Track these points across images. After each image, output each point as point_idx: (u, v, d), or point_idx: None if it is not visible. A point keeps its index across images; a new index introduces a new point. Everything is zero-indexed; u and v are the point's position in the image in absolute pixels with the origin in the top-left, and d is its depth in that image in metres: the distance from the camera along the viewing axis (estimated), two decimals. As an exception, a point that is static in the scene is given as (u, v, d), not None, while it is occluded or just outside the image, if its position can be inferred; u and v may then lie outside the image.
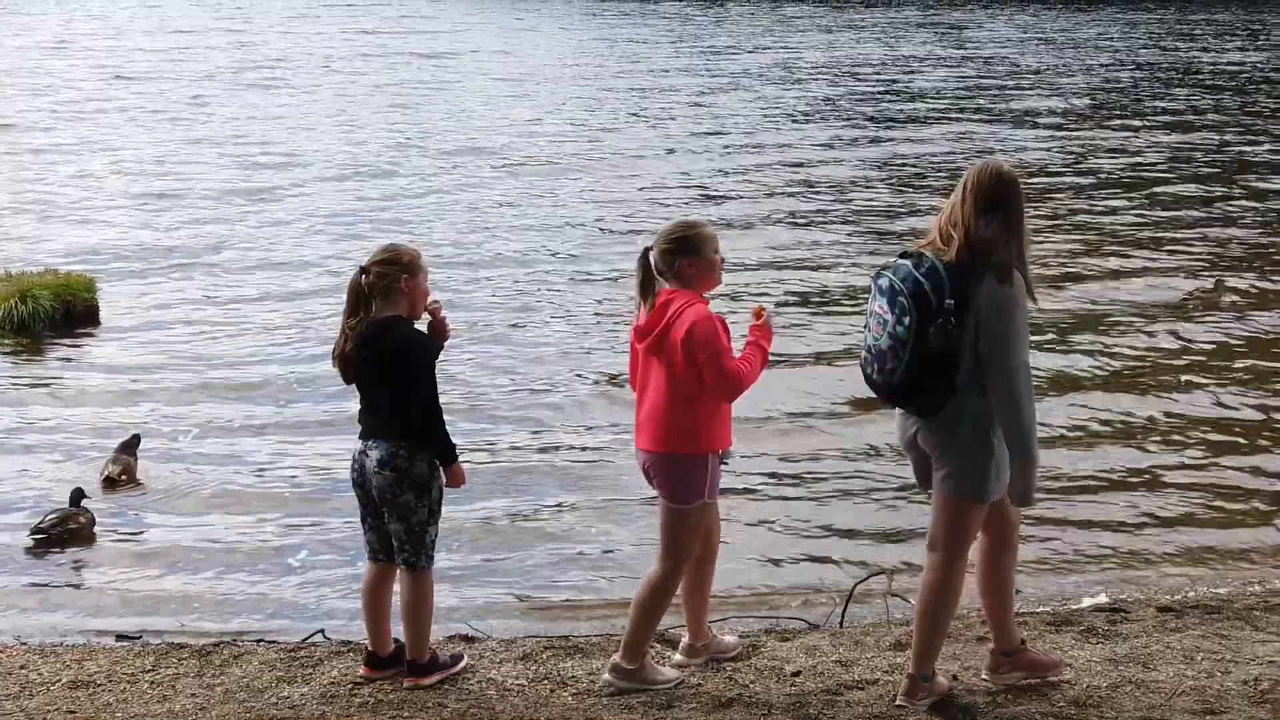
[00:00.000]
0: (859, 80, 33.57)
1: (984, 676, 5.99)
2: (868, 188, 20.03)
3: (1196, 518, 8.81)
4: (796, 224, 17.63)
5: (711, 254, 5.86)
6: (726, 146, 23.68)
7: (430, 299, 6.16)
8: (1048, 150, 23.09)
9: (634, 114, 27.79)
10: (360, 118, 26.98)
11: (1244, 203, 18.95)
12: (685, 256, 5.82)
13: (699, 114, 27.66)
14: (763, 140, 24.38)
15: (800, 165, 21.78)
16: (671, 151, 23.11)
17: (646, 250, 5.88)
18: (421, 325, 6.14)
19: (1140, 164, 21.99)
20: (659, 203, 18.95)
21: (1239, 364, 12.00)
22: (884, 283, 5.50)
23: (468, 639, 6.97)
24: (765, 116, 27.40)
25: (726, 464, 6.07)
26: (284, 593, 8.16)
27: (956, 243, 5.40)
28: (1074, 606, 7.20)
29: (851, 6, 60.99)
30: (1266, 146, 23.72)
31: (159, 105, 28.67)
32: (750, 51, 40.91)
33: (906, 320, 5.37)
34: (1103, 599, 7.30)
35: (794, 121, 26.84)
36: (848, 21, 52.70)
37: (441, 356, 6.12)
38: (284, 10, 56.34)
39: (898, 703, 5.82)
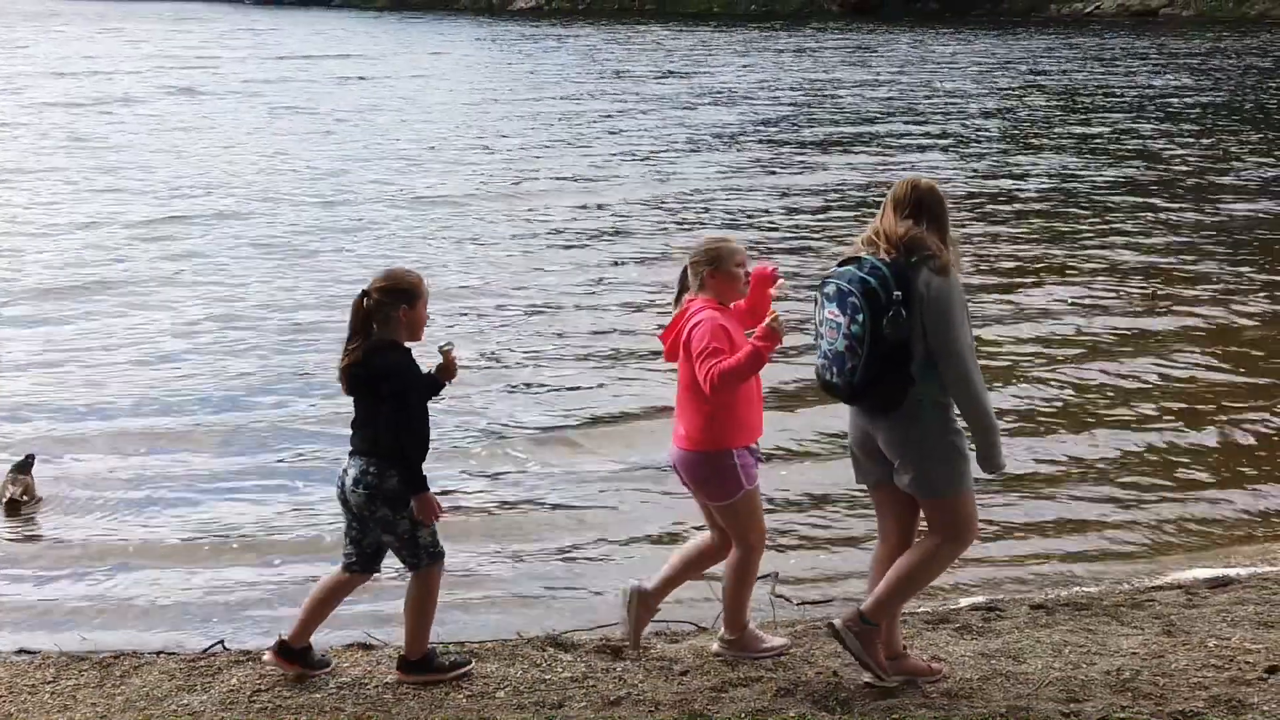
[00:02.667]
0: (773, 103, 33.92)
1: (865, 678, 6.24)
2: (780, 212, 20.13)
3: (1071, 518, 9.13)
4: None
5: (733, 267, 6.26)
6: (643, 173, 23.76)
7: (444, 342, 6.42)
8: (961, 172, 23.47)
9: (556, 139, 27.86)
10: (279, 146, 26.81)
11: (1156, 216, 19.47)
12: (709, 268, 6.24)
13: (617, 139, 27.80)
14: (677, 164, 24.52)
15: (714, 190, 21.90)
16: (591, 180, 23.08)
17: (685, 266, 6.39)
18: (431, 359, 6.36)
19: (1058, 184, 22.46)
20: (583, 230, 19.10)
21: (1139, 373, 12.38)
22: (831, 289, 5.86)
23: (366, 647, 7.13)
24: (680, 139, 27.62)
25: (759, 459, 6.41)
26: (185, 606, 8.26)
27: (887, 245, 5.80)
28: (952, 606, 7.47)
29: (765, 28, 61.59)
30: (1173, 166, 24.33)
31: (72, 131, 28.59)
32: (666, 76, 41.22)
33: (860, 318, 5.73)
34: (979, 598, 7.57)
35: (709, 144, 27.05)
36: (762, 44, 53.24)
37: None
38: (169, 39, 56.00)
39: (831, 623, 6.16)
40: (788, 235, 18.39)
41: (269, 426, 11.03)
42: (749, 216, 19.62)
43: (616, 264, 16.58)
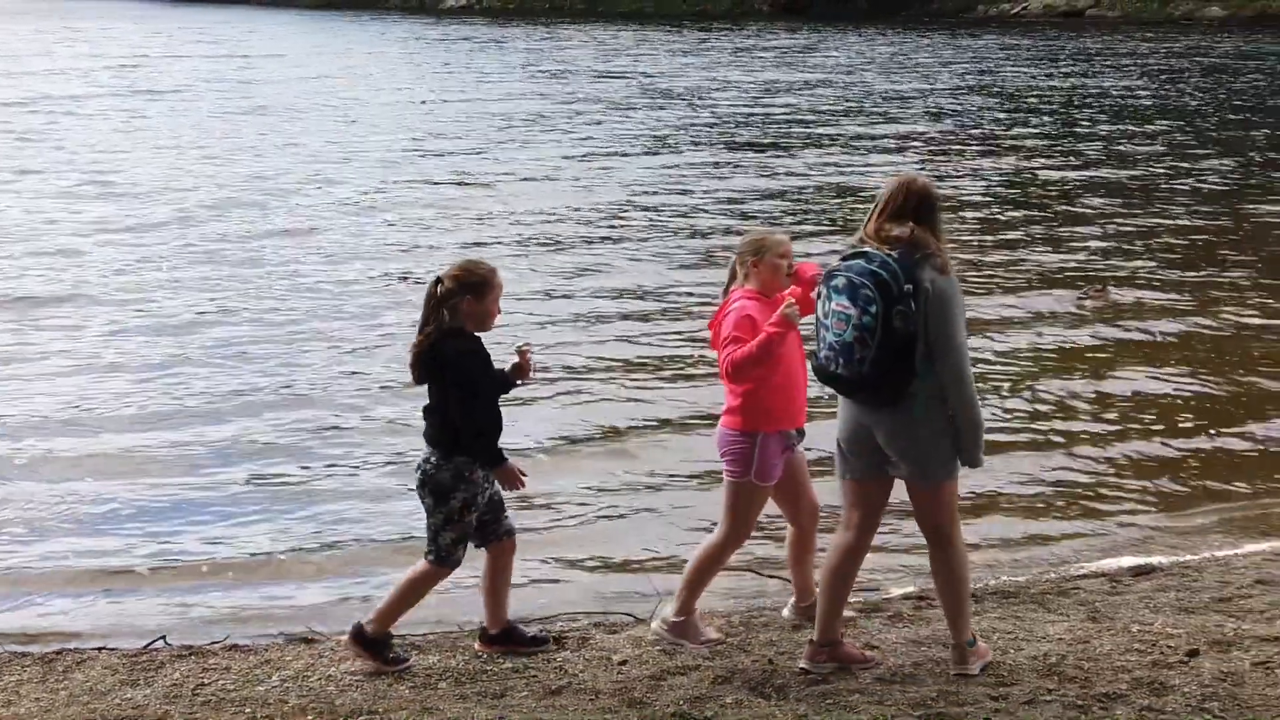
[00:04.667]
0: (713, 104, 34.04)
1: (801, 664, 6.38)
2: (725, 215, 20.11)
3: (1002, 508, 9.33)
4: (654, 251, 17.66)
5: (775, 259, 6.52)
6: (584, 175, 23.68)
7: (523, 342, 6.64)
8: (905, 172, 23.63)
9: (492, 140, 27.77)
10: (214, 150, 26.48)
11: (1100, 217, 19.75)
12: (753, 258, 6.55)
13: (556, 140, 27.75)
14: (618, 166, 24.47)
15: (655, 193, 21.86)
16: (532, 181, 23.01)
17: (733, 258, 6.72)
18: (506, 358, 6.57)
19: (1002, 184, 22.72)
20: (532, 227, 19.15)
21: (1077, 364, 12.62)
22: (840, 282, 5.98)
23: (308, 641, 7.21)
24: (620, 141, 27.63)
25: (793, 445, 6.65)
26: (126, 602, 8.25)
27: (892, 242, 5.95)
28: (884, 595, 7.63)
29: (688, 29, 61.83)
30: (1112, 168, 24.68)
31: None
32: (600, 76, 41.30)
33: (873, 309, 5.88)
34: (910, 588, 7.74)
35: (649, 146, 27.09)
36: (698, 45, 53.44)
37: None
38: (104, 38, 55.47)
39: (953, 674, 6.25)
40: (732, 240, 18.33)
41: (207, 446, 10.77)
42: (690, 220, 19.64)
43: (553, 270, 16.48)
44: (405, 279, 15.92)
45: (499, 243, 17.79)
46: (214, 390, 11.97)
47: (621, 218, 19.69)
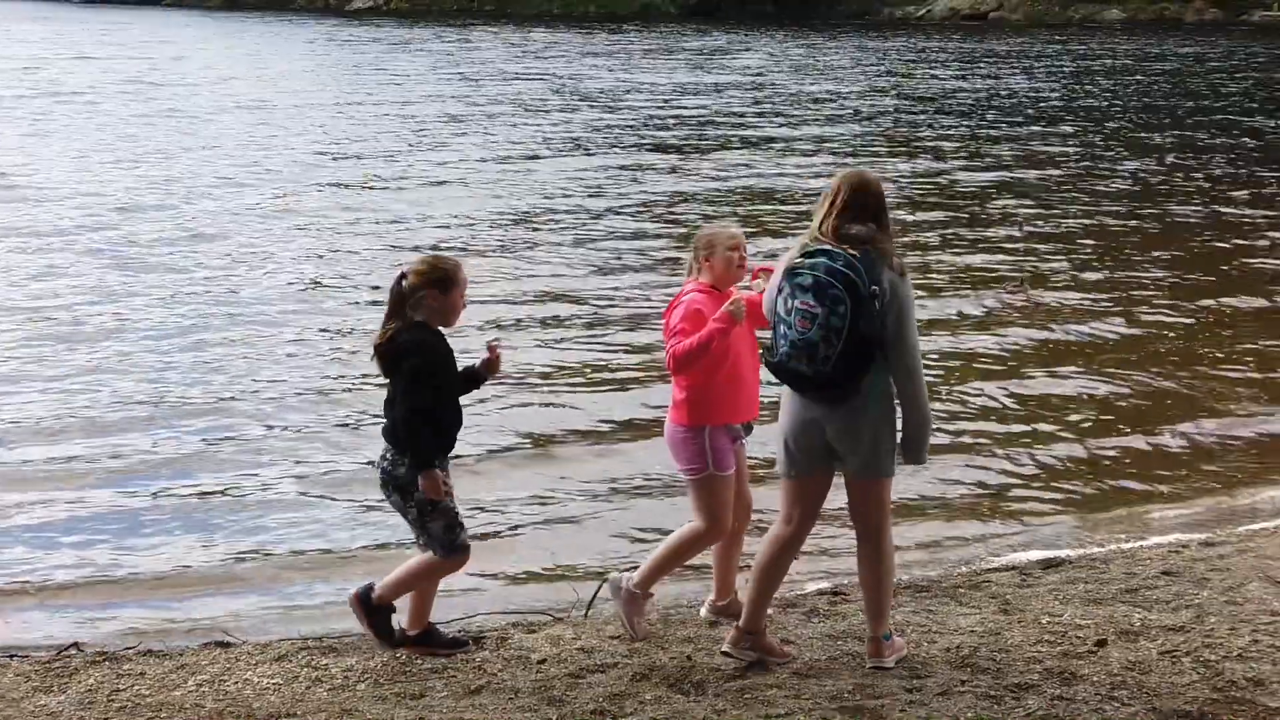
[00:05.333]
0: (625, 107, 34.08)
1: (724, 649, 6.44)
2: (644, 219, 20.08)
3: (914, 506, 9.45)
4: (557, 254, 17.63)
5: (726, 253, 6.62)
6: (499, 179, 23.58)
7: (492, 337, 6.61)
8: (822, 175, 23.85)
9: (404, 143, 27.62)
10: (125, 154, 26.07)
11: (1020, 216, 20.06)
12: (705, 253, 6.67)
13: (469, 143, 27.66)
14: (528, 169, 24.37)
15: (567, 193, 21.86)
16: (444, 185, 22.92)
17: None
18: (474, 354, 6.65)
19: (920, 184, 22.97)
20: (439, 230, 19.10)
21: (991, 364, 12.80)
22: (806, 280, 6.01)
23: (224, 645, 7.18)
24: (533, 144, 27.57)
25: (739, 439, 6.73)
26: (38, 614, 8.14)
27: (851, 241, 6.03)
28: (799, 591, 7.71)
29: (598, 30, 61.88)
30: (1028, 168, 25.01)
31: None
32: (512, 78, 41.24)
33: (841, 309, 5.94)
34: (825, 584, 7.83)
35: (562, 149, 27.05)
36: (601, 47, 53.48)
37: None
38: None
39: (869, 666, 6.33)
40: (651, 243, 18.43)
41: (119, 457, 10.58)
42: (606, 223, 19.63)
43: (468, 275, 16.32)
44: (318, 284, 15.81)
45: (413, 248, 17.59)
46: (125, 400, 11.81)
47: (536, 221, 19.66)
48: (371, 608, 6.68)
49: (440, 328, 6.44)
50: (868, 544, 6.35)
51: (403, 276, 6.39)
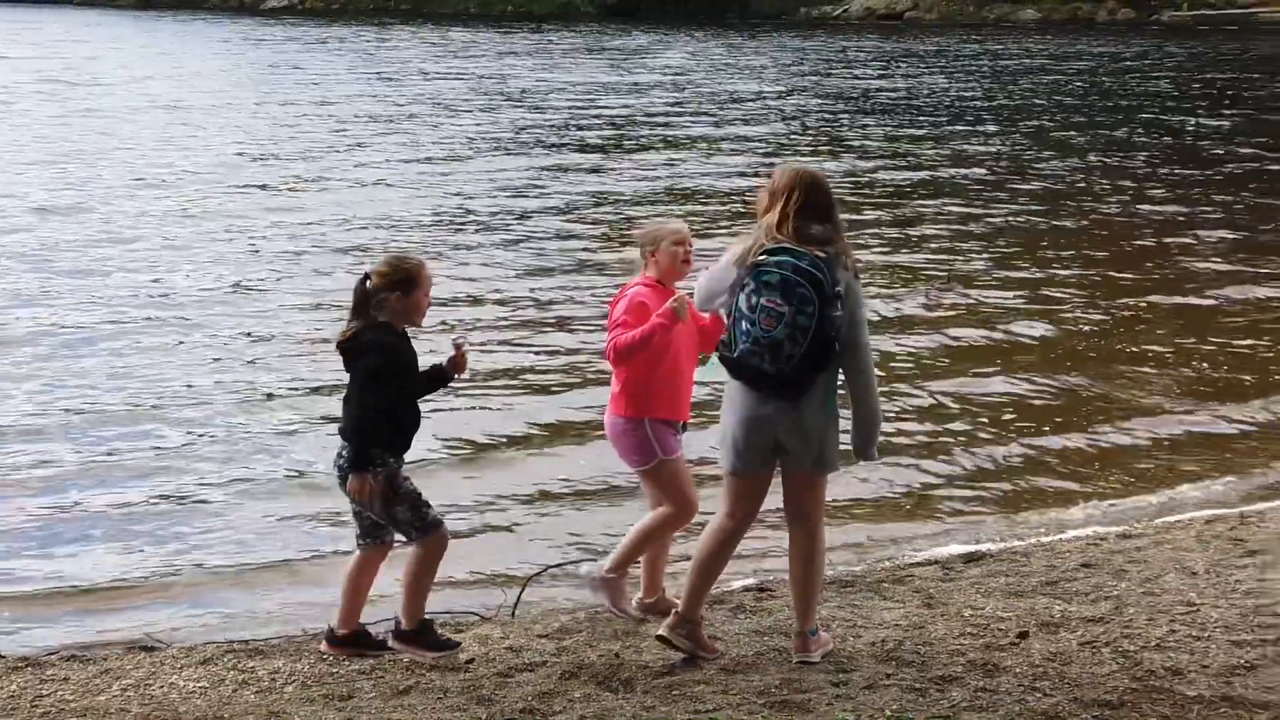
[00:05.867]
0: (546, 108, 34.00)
1: (661, 633, 6.48)
2: (558, 218, 20.03)
3: (839, 505, 9.51)
4: (487, 257, 17.53)
5: (669, 247, 6.72)
6: (413, 178, 23.51)
7: (457, 336, 6.69)
8: (745, 175, 23.95)
9: (323, 145, 27.34)
10: (27, 152, 25.68)
11: (949, 216, 20.22)
12: (650, 248, 6.79)
13: (390, 141, 27.56)
14: (450, 170, 24.19)
15: (489, 194, 21.72)
16: (365, 185, 22.76)
17: None
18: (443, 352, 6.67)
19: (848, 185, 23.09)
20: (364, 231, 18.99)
21: (918, 364, 12.90)
22: (773, 279, 6.04)
23: (148, 649, 7.13)
24: (454, 144, 27.42)
25: (679, 434, 6.80)
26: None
27: (811, 241, 6.09)
28: (725, 587, 7.76)
29: (517, 29, 61.78)
30: (945, 167, 25.23)
31: None
32: (432, 78, 41.03)
33: (809, 309, 6.01)
34: (750, 580, 7.89)
35: (484, 150, 26.92)
36: (521, 46, 53.38)
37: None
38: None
39: (796, 661, 6.37)
40: (576, 244, 18.34)
41: (40, 465, 10.42)
42: (527, 224, 19.54)
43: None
44: (240, 287, 15.66)
45: (333, 250, 17.55)
46: (44, 407, 11.62)
47: (460, 223, 19.59)
48: (413, 635, 6.62)
49: (405, 328, 6.46)
50: (802, 539, 6.41)
51: (366, 277, 6.40)
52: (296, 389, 12.10)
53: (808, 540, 6.42)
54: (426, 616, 6.70)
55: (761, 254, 6.12)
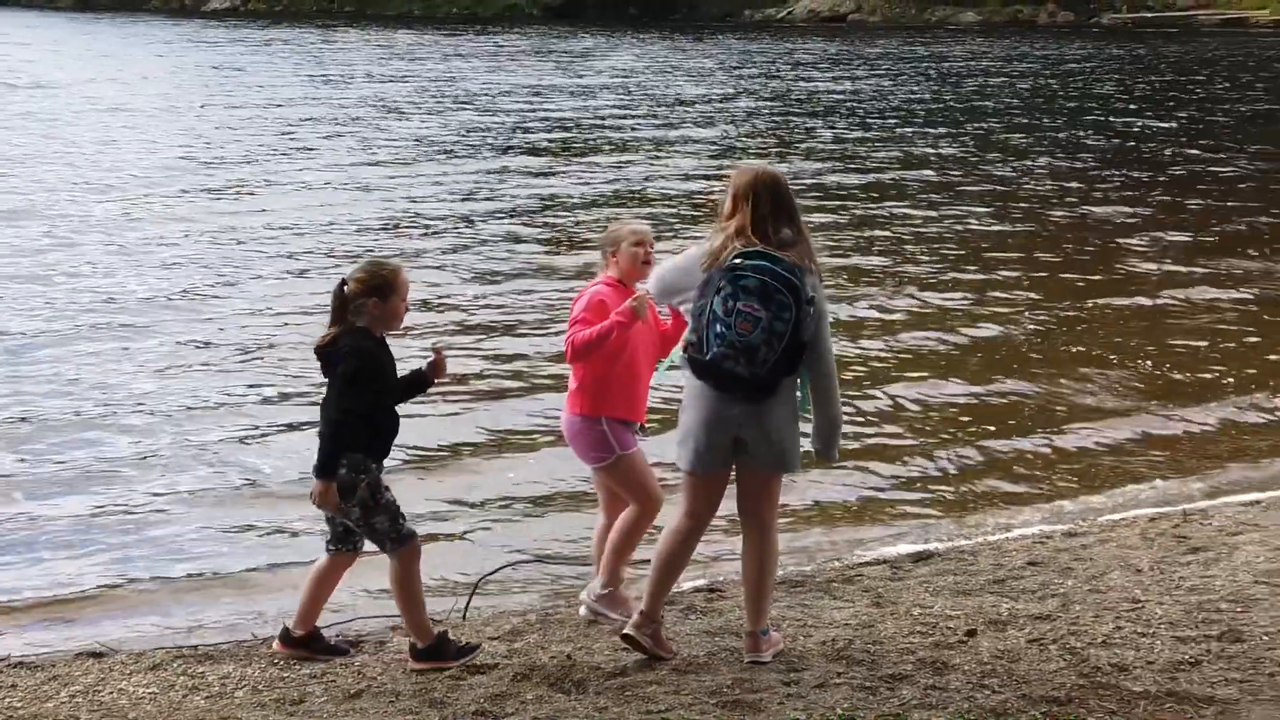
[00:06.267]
0: (494, 110, 33.92)
1: (628, 631, 6.50)
2: (505, 222, 19.97)
3: (793, 509, 9.56)
4: (440, 261, 17.45)
5: (629, 248, 6.78)
6: (359, 181, 23.40)
7: (436, 341, 6.60)
8: (692, 178, 23.99)
9: (267, 148, 27.19)
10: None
11: (890, 218, 20.32)
12: (610, 249, 6.86)
13: (335, 144, 27.42)
14: (396, 174, 24.07)
15: (436, 198, 21.66)
16: (310, 188, 22.66)
17: None
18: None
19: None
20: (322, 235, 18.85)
21: (862, 368, 12.94)
22: (751, 283, 6.06)
23: (97, 655, 7.08)
24: (398, 147, 27.32)
25: (640, 436, 6.87)
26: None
27: (781, 245, 6.14)
28: (676, 589, 7.77)
29: (462, 32, 61.67)
30: (895, 170, 25.35)
31: None
32: (377, 80, 40.90)
33: (786, 315, 6.05)
34: (701, 581, 7.92)
35: (430, 152, 26.86)
36: (467, 48, 53.28)
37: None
38: None
39: (747, 661, 6.41)
40: (525, 248, 18.27)
41: None
42: (474, 228, 19.47)
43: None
44: (188, 293, 15.47)
45: (280, 255, 17.43)
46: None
47: (407, 227, 19.51)
48: (432, 651, 6.56)
49: (384, 333, 6.46)
50: (757, 539, 6.46)
51: (344, 283, 6.40)
52: (246, 396, 11.99)
53: (761, 541, 6.46)
54: (436, 628, 6.71)
55: (737, 257, 6.14)
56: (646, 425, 7.02)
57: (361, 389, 6.31)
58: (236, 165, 24.98)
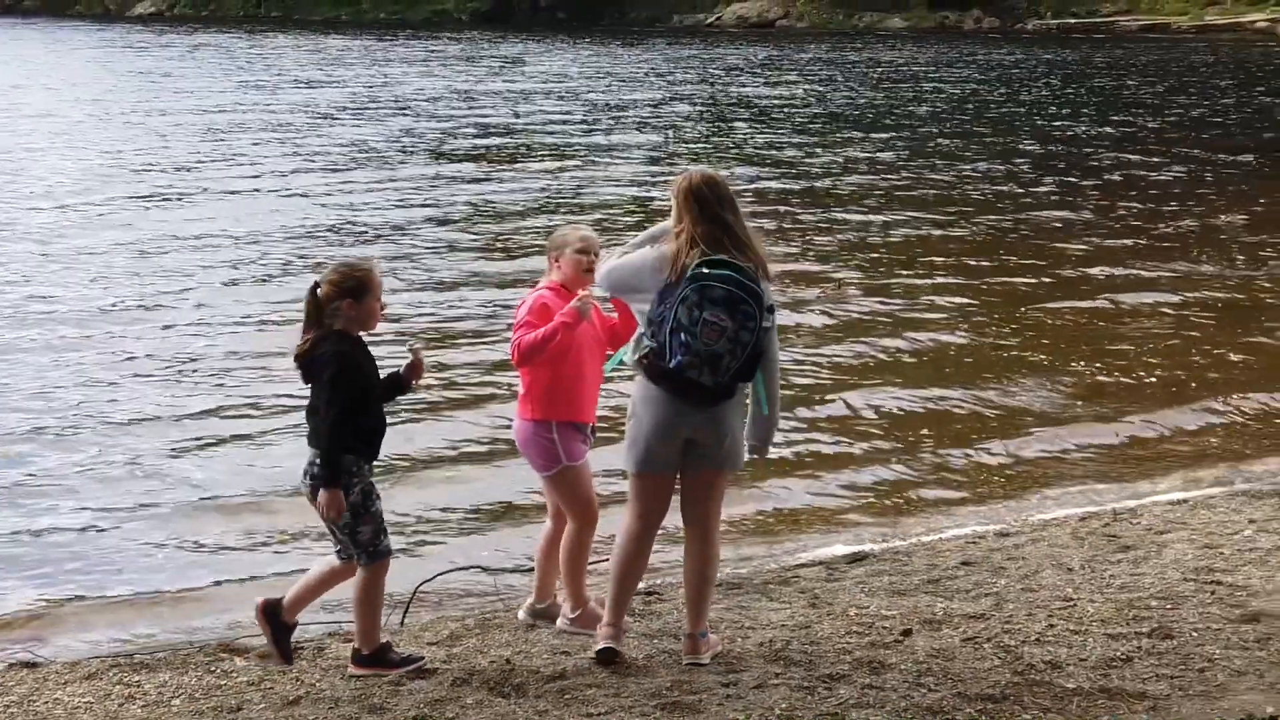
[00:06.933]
0: (426, 116, 33.81)
1: (610, 645, 6.50)
2: (438, 229, 19.93)
3: (729, 513, 9.56)
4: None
5: (573, 254, 6.77)
6: (291, 189, 23.25)
7: (414, 342, 6.70)
8: (625, 181, 24.00)
9: (198, 155, 26.95)
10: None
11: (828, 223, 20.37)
12: (555, 252, 6.87)
13: (265, 152, 27.25)
14: (328, 182, 23.89)
15: (370, 205, 21.53)
16: (240, 194, 22.50)
17: None
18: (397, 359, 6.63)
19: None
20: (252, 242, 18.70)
21: (795, 373, 12.99)
22: (718, 292, 6.09)
23: (30, 665, 7.02)
24: (333, 154, 27.18)
25: (586, 440, 6.85)
26: None
27: (745, 250, 6.23)
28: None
29: (391, 37, 61.45)
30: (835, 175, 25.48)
31: None
32: (307, 86, 40.70)
33: (751, 325, 6.11)
34: (640, 584, 7.92)
35: (361, 159, 26.75)
36: (398, 54, 53.11)
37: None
38: None
39: (686, 663, 6.45)
40: (460, 256, 18.16)
41: None
42: (413, 235, 19.36)
43: (268, 298, 15.53)
44: (119, 306, 15.17)
45: (210, 265, 17.17)
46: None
47: (338, 235, 19.37)
48: (374, 658, 6.54)
49: (360, 333, 6.45)
50: (701, 539, 6.51)
51: (316, 286, 6.37)
52: (184, 409, 11.71)
53: (704, 541, 6.51)
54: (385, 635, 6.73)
55: (702, 266, 6.17)
56: (595, 426, 7.02)
57: (347, 392, 6.28)
58: (168, 173, 24.76)
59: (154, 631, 7.87)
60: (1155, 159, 27.53)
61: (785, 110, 35.99)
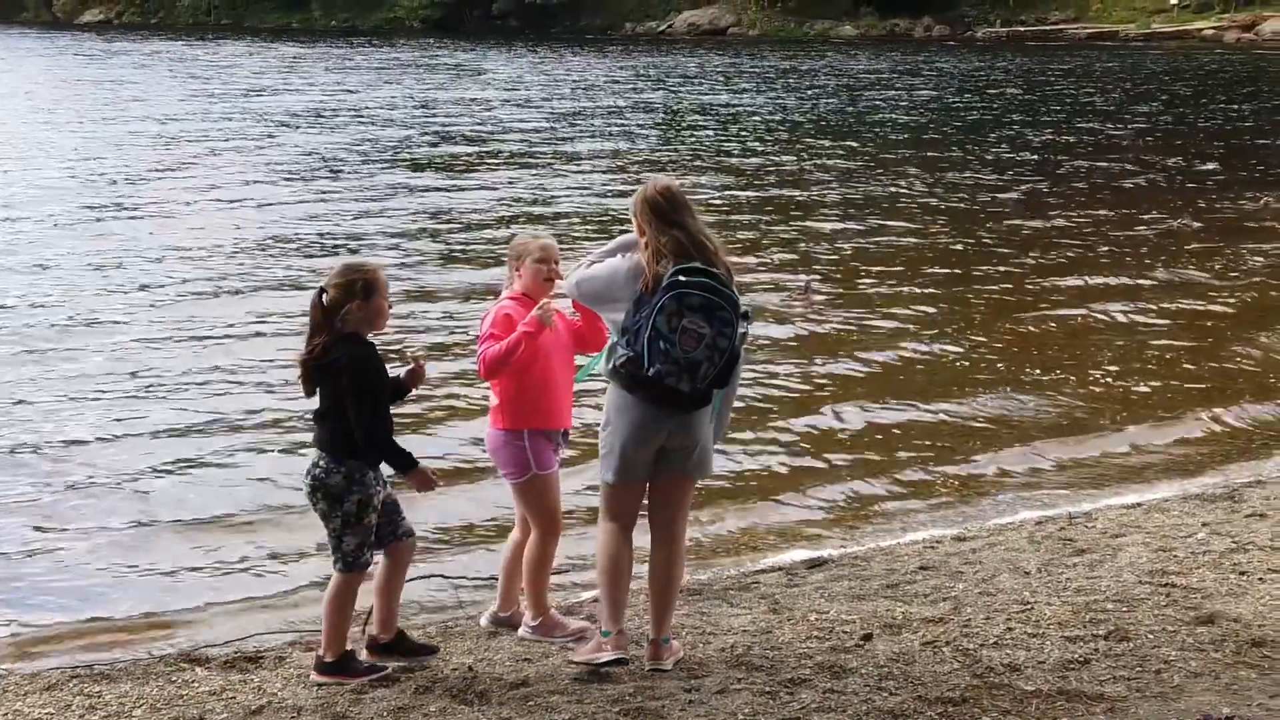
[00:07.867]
0: (382, 124, 33.72)
1: (612, 657, 6.49)
2: (393, 240, 19.78)
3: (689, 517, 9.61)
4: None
5: (533, 264, 6.79)
6: (244, 199, 23.14)
7: (416, 349, 6.53)
8: (604, 194, 24.02)
9: (146, 165, 26.78)
10: None
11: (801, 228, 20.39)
12: (516, 262, 6.87)
13: (219, 161, 27.11)
14: (281, 192, 23.72)
15: (322, 216, 21.41)
16: (194, 205, 22.36)
17: None
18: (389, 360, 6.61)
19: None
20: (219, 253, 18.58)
21: (766, 376, 13.06)
22: (696, 300, 6.14)
23: (-12, 676, 7.00)
24: (284, 164, 27.03)
25: (558, 447, 6.90)
26: None
27: (712, 256, 6.29)
28: (574, 599, 7.84)
29: (343, 45, 61.28)
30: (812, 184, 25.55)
31: None
32: (259, 94, 40.52)
33: (729, 331, 6.16)
34: (597, 592, 7.95)
35: (317, 168, 26.67)
36: (351, 62, 52.97)
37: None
38: None
39: (648, 669, 6.47)
40: (418, 267, 18.02)
41: None
42: (371, 244, 19.26)
43: (222, 315, 15.15)
44: (71, 319, 14.91)
45: (165, 277, 16.94)
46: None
47: (294, 246, 19.20)
48: (336, 666, 6.54)
49: (369, 335, 6.46)
50: (668, 545, 6.55)
51: (322, 291, 6.36)
52: (137, 430, 11.44)
53: (671, 548, 6.55)
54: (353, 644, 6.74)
55: (679, 274, 6.20)
56: (569, 431, 7.06)
57: (369, 393, 6.30)
58: (120, 184, 24.55)
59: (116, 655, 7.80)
60: (1126, 166, 27.69)
61: (745, 117, 36.07)
